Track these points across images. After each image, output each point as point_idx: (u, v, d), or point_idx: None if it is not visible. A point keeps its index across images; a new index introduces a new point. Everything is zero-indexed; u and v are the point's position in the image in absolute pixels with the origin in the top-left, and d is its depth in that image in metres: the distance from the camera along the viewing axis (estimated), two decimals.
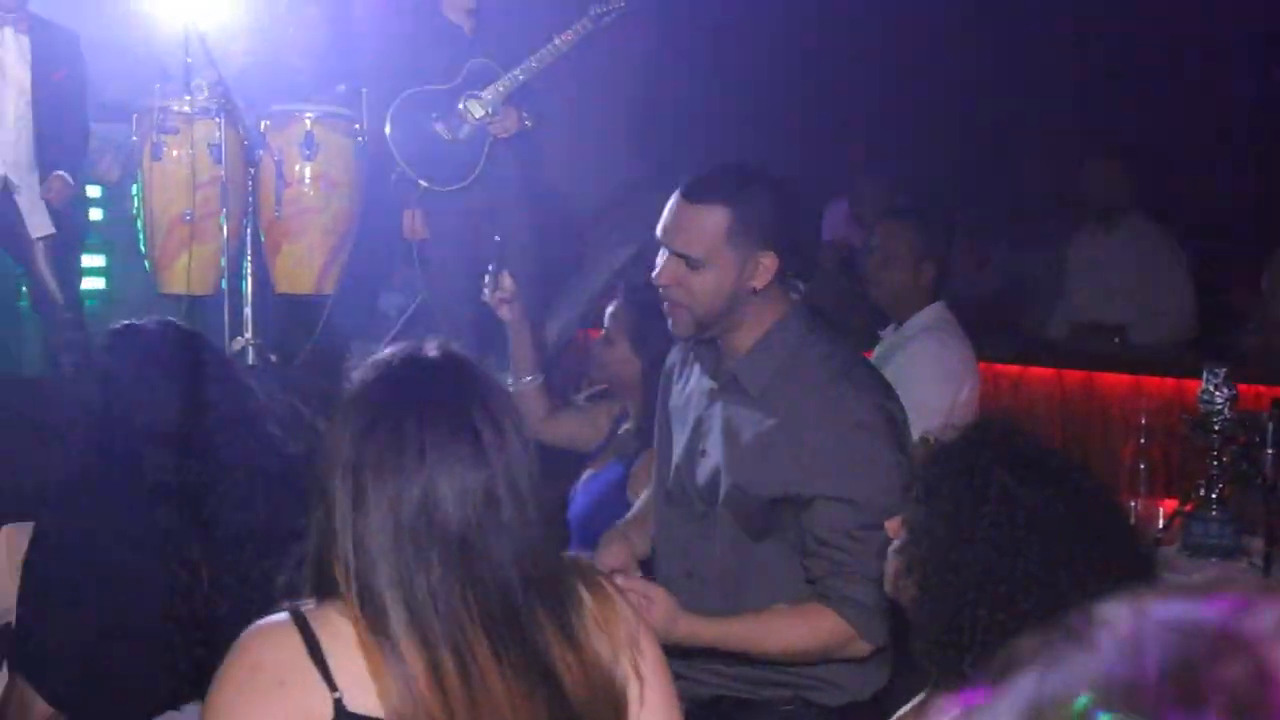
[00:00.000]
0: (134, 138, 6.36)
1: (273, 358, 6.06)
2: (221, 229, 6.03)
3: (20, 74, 5.76)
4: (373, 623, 1.68)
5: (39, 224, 5.83)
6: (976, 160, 8.16)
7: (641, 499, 3.20)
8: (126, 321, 2.97)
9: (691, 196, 2.72)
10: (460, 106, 6.25)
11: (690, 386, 2.92)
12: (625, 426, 3.70)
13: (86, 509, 2.70)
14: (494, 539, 1.71)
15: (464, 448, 1.71)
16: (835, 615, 2.63)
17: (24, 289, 6.28)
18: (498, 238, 4.24)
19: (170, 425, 2.74)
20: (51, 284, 5.87)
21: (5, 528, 4.18)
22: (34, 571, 2.73)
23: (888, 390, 2.82)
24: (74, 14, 6.13)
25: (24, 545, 3.99)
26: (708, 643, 2.65)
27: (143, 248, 6.36)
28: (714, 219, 2.68)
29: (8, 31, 5.71)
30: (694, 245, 2.69)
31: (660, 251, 2.79)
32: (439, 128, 6.26)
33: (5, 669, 3.62)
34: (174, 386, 2.76)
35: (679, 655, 2.81)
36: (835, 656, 2.69)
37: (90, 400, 2.86)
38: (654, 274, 2.79)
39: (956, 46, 8.08)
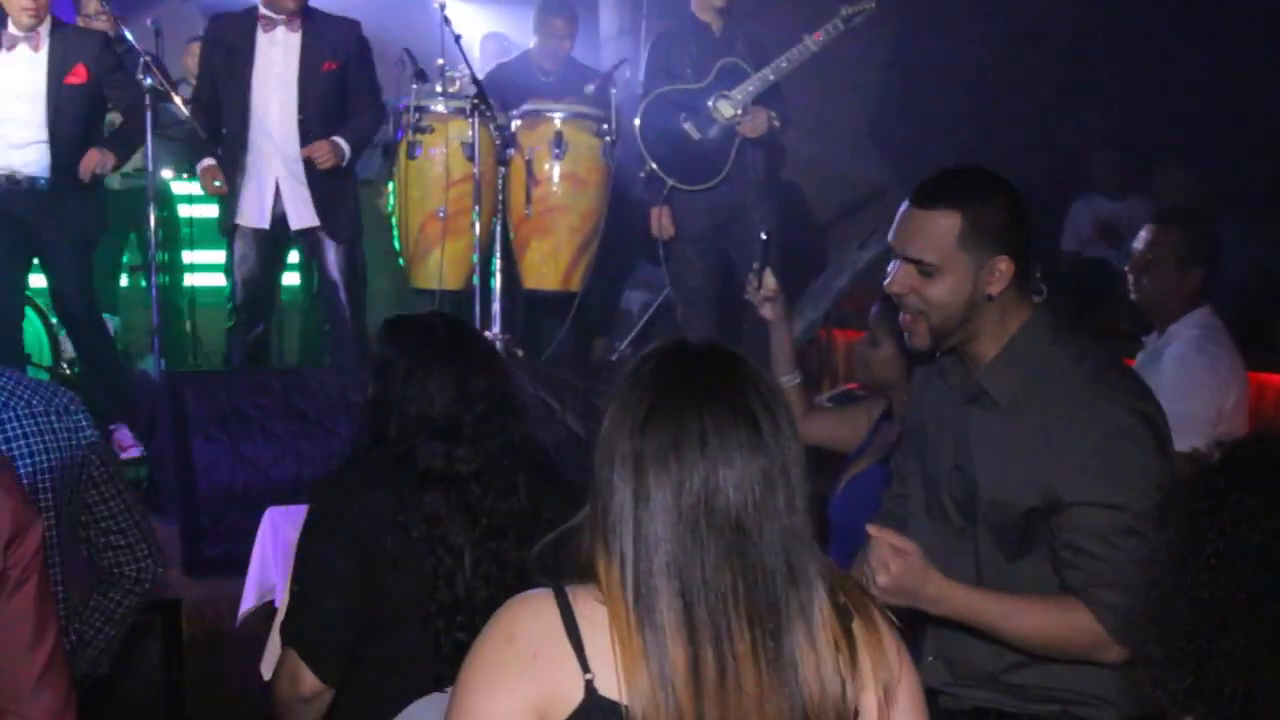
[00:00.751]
0: (391, 137, 6.56)
1: (519, 352, 6.17)
2: (473, 226, 6.16)
3: (289, 70, 5.98)
4: (642, 613, 1.68)
5: (300, 216, 6.04)
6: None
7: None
8: (399, 313, 3.06)
9: (922, 202, 2.66)
10: (710, 106, 6.27)
11: (939, 399, 2.86)
12: (888, 428, 3.64)
13: (357, 494, 2.78)
14: (767, 526, 1.69)
15: (743, 434, 1.70)
16: (1090, 615, 2.54)
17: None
18: (764, 235, 4.21)
19: (441, 414, 2.80)
20: (334, 278, 6.09)
21: (269, 509, 4.36)
22: (306, 552, 2.82)
23: (1143, 391, 2.70)
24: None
25: (285, 525, 4.17)
26: (956, 606, 2.58)
27: (397, 244, 6.55)
28: (945, 224, 2.62)
29: (278, 30, 5.94)
30: (926, 251, 2.63)
31: (893, 261, 2.74)
32: (688, 127, 6.29)
33: (275, 643, 3.80)
34: (445, 376, 2.83)
35: (944, 665, 2.76)
36: (1082, 655, 2.60)
37: (365, 389, 2.94)
38: (886, 282, 2.74)
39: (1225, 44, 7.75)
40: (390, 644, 2.77)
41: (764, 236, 4.23)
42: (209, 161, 5.97)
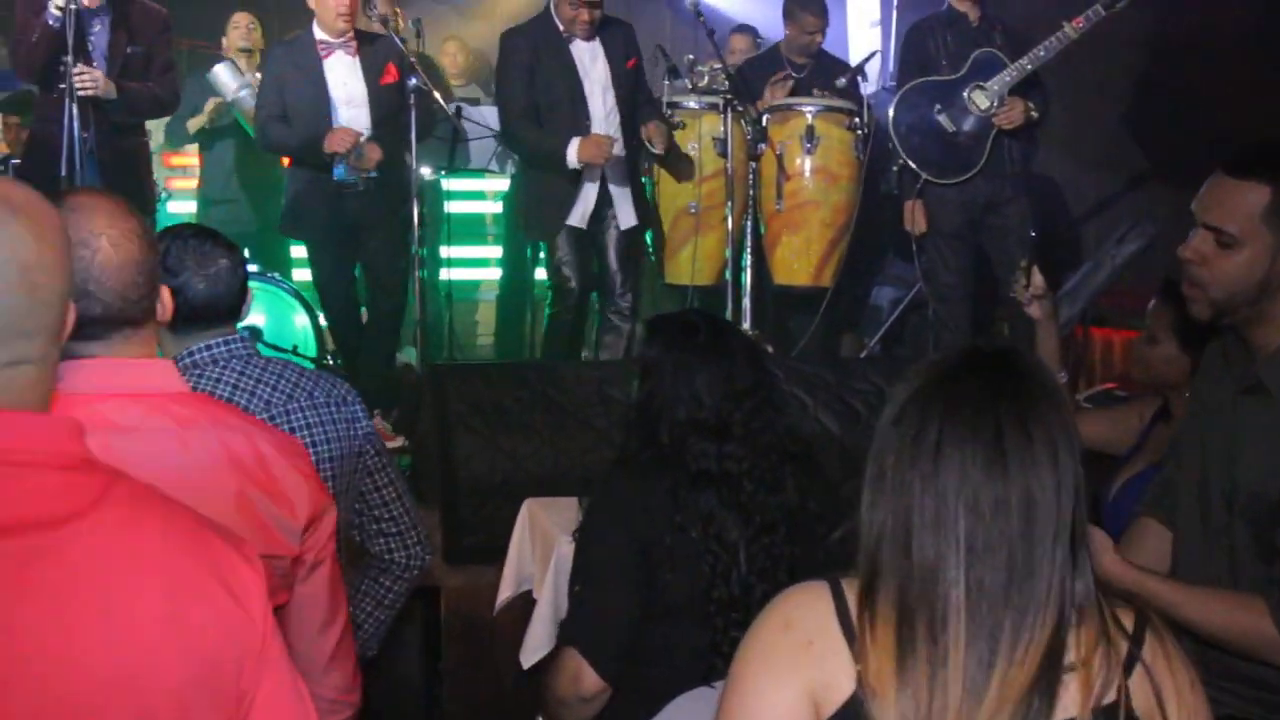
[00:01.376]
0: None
1: (769, 348, 6.15)
2: (725, 221, 6.16)
3: (601, 72, 6.10)
4: (923, 625, 1.64)
5: (626, 216, 6.15)
6: None
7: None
8: (664, 313, 3.08)
9: (1233, 171, 2.55)
10: (965, 98, 6.14)
11: (1215, 388, 2.74)
12: (1162, 429, 3.51)
13: (633, 493, 2.82)
14: (1047, 538, 1.64)
15: (1043, 449, 1.64)
16: (1267, 615, 2.42)
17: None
18: (1034, 234, 4.11)
19: (710, 413, 2.82)
20: (618, 275, 6.18)
21: (527, 501, 4.44)
22: (587, 553, 2.87)
23: None
24: None
25: (542, 517, 4.24)
26: (1126, 587, 2.48)
27: (648, 239, 6.60)
28: (1254, 196, 2.50)
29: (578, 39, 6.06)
30: (1228, 220, 2.52)
31: (1193, 229, 2.62)
32: (942, 119, 6.17)
33: (535, 634, 3.87)
34: (711, 376, 2.84)
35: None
36: (1256, 655, 2.48)
37: (634, 389, 2.98)
38: (1180, 248, 2.63)
39: None
40: (663, 640, 2.80)
41: (1033, 234, 4.11)
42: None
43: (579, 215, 6.03)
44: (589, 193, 6.03)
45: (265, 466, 2.09)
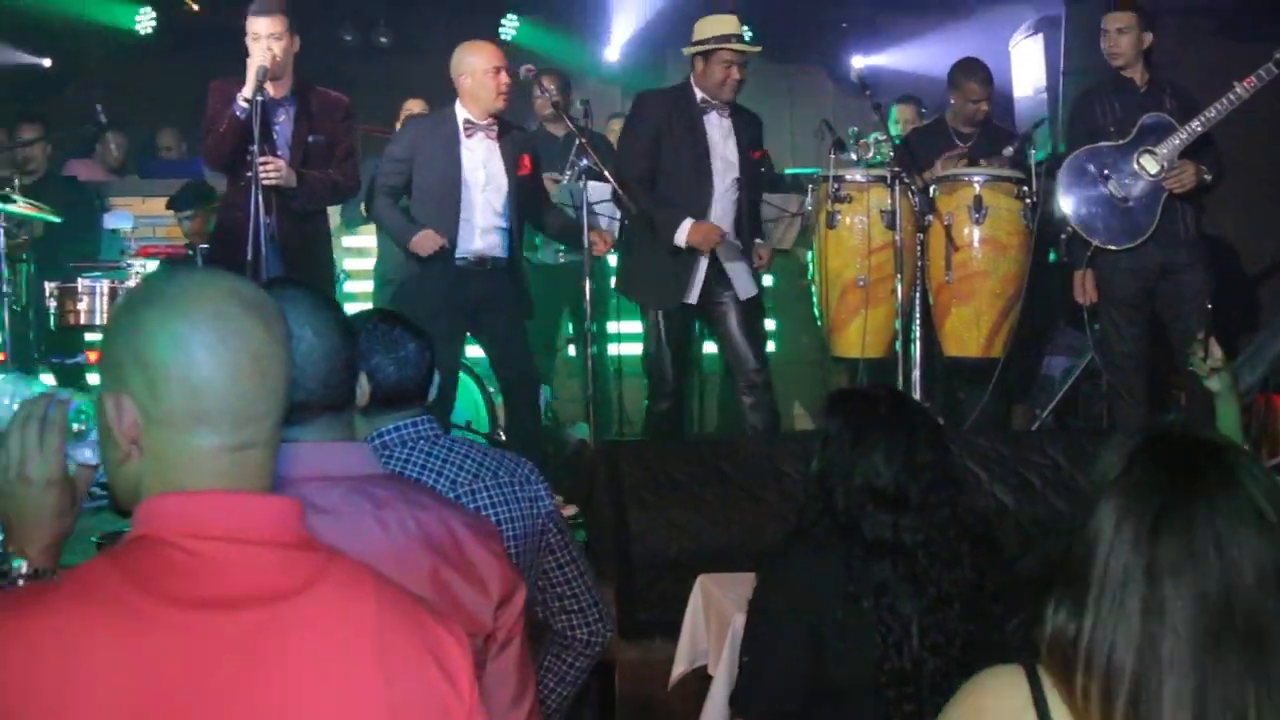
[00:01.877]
0: (808, 207, 6.64)
1: (940, 421, 6.08)
2: (894, 293, 6.15)
3: (730, 151, 6.18)
4: None
5: (745, 287, 6.20)
6: None
7: None
8: (844, 387, 3.09)
9: None
10: (1135, 163, 6.06)
11: None
12: None
13: (807, 563, 2.83)
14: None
15: (1253, 530, 1.60)
16: None
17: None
18: (1209, 304, 4.04)
19: (888, 485, 2.83)
20: (743, 346, 6.20)
21: (701, 576, 4.45)
22: (757, 622, 2.88)
23: None
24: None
25: (716, 594, 4.24)
26: None
27: (817, 312, 6.60)
28: None
29: (713, 114, 6.14)
30: None
31: None
32: (1112, 186, 6.10)
33: (711, 709, 3.87)
34: (891, 448, 2.85)
35: None
36: None
37: (811, 460, 2.99)
38: None
39: None
40: (834, 713, 2.79)
41: (1209, 305, 4.04)
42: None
43: (693, 291, 6.09)
44: (701, 266, 6.08)
45: (459, 546, 2.15)
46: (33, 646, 1.37)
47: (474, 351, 6.65)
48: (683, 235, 5.95)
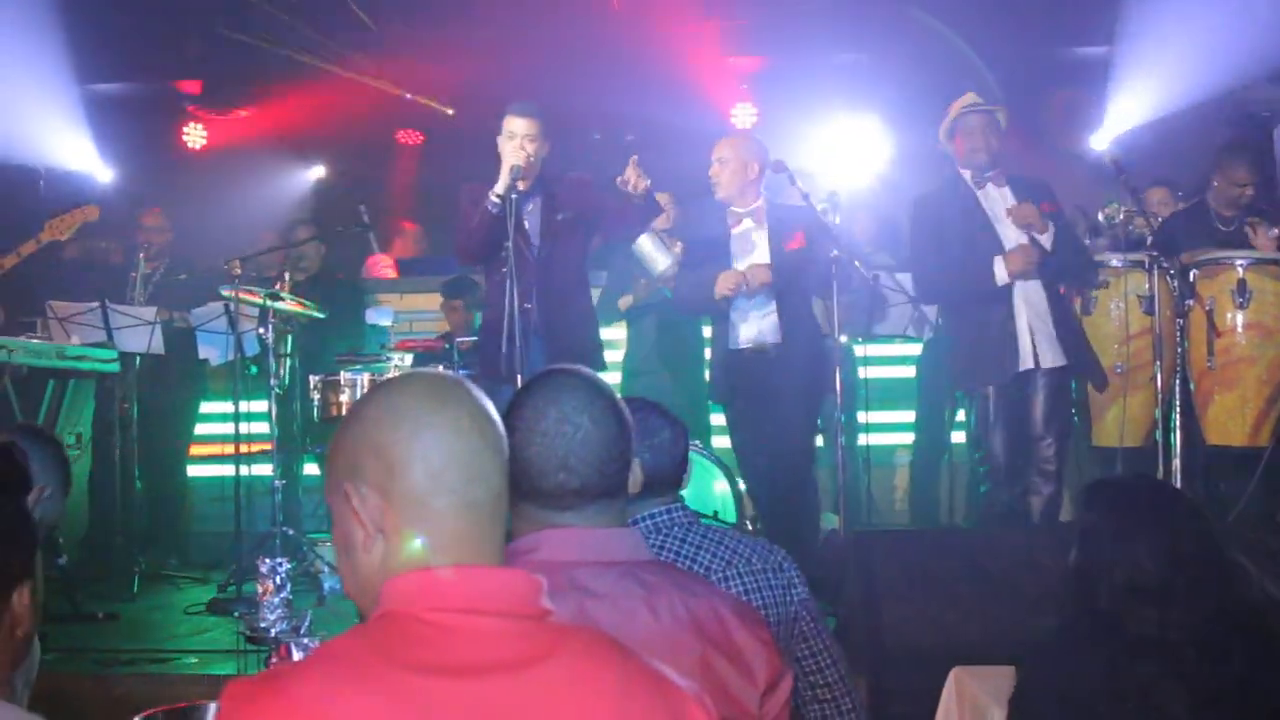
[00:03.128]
0: None
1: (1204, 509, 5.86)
2: (1153, 380, 5.97)
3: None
4: None
5: (1053, 356, 6.08)
6: None
7: None
8: (1101, 478, 3.02)
9: None
10: None
11: None
12: None
13: (1067, 662, 2.74)
14: None
15: None
16: None
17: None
18: None
19: (1151, 578, 2.72)
20: (1041, 421, 6.05)
21: (955, 669, 4.36)
22: (1017, 718, 2.81)
23: None
24: None
25: (971, 687, 4.15)
26: None
27: (1073, 400, 6.45)
28: None
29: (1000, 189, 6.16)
30: None
31: None
32: None
33: None
34: (1154, 539, 2.76)
35: None
36: None
37: (1070, 554, 2.92)
38: None
39: None
40: None
41: None
42: None
43: (1021, 359, 5.99)
44: (1023, 335, 6.00)
45: (727, 631, 2.17)
46: (288, 713, 1.45)
47: (720, 441, 6.69)
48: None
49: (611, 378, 8.00)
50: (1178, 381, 6.02)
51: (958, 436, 7.08)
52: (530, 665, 1.51)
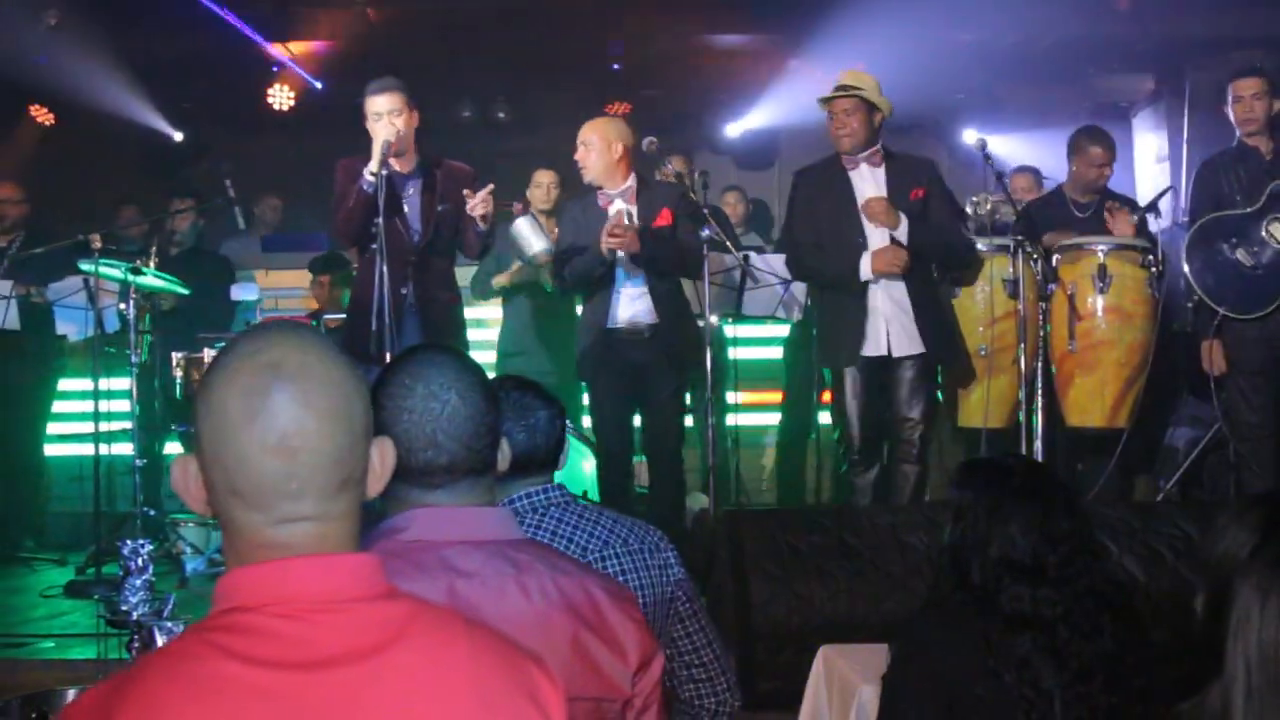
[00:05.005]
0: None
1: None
2: (1017, 363, 6.09)
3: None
4: None
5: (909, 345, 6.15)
6: None
7: None
8: (976, 457, 3.06)
9: None
10: (1264, 231, 5.98)
11: None
12: None
13: (941, 638, 2.78)
14: None
15: None
16: None
17: None
18: None
19: (1025, 555, 2.77)
20: (905, 406, 6.14)
21: (823, 647, 4.41)
22: (891, 698, 2.84)
23: None
24: None
25: (840, 665, 4.20)
26: None
27: (939, 382, 6.54)
28: None
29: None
30: None
31: None
32: (1239, 254, 6.03)
33: None
34: (1027, 518, 2.81)
35: None
36: None
37: (944, 532, 2.96)
38: None
39: None
40: None
41: None
42: None
43: (873, 344, 6.06)
44: (877, 322, 6.06)
45: (599, 611, 2.16)
46: None
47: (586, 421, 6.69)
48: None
49: (485, 357, 7.96)
50: (1040, 364, 6.14)
51: (825, 418, 7.15)
52: (380, 651, 1.47)
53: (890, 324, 6.05)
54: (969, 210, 6.59)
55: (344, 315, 6.69)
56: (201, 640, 1.46)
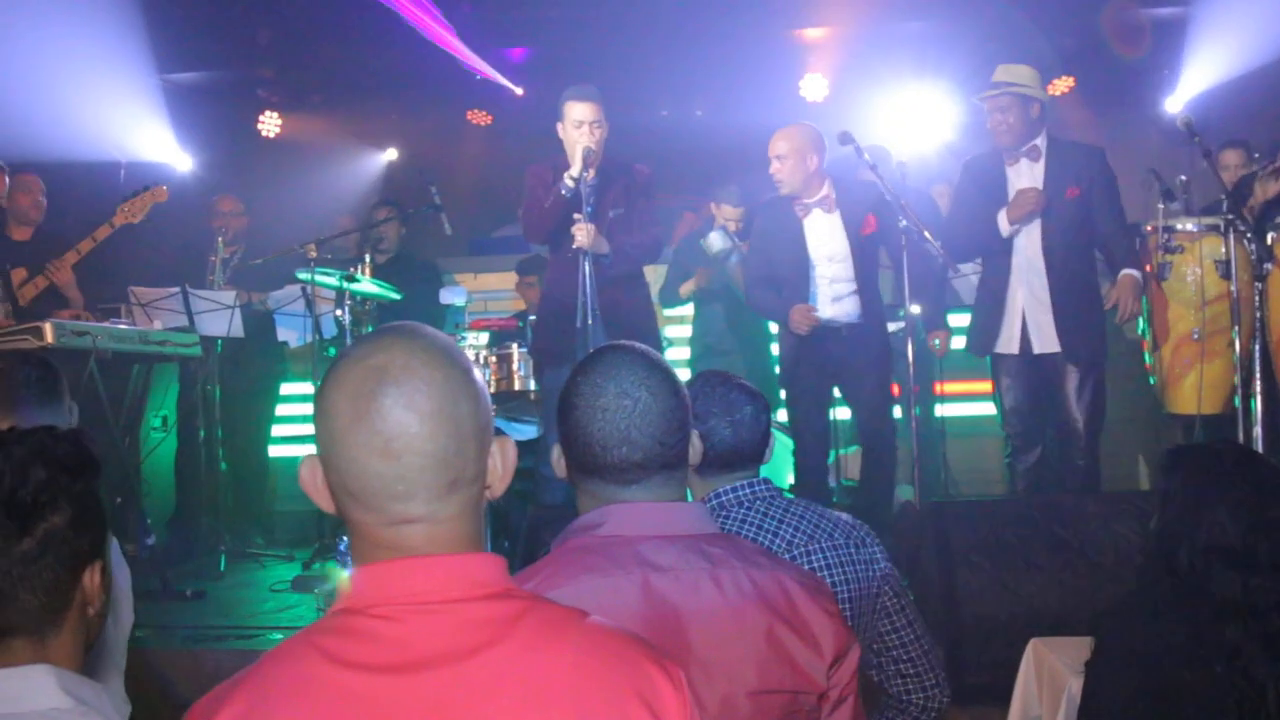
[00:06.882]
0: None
1: None
2: (1231, 346, 5.89)
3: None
4: None
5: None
6: None
7: None
8: (1182, 443, 2.99)
9: None
10: None
11: None
12: None
13: (1149, 627, 2.73)
14: None
15: None
16: None
17: None
18: None
19: (1234, 541, 2.71)
20: (1076, 414, 6.05)
21: (1033, 640, 4.34)
22: (1095, 687, 2.79)
23: None
24: None
25: (1050, 658, 4.13)
26: None
27: (1149, 367, 6.38)
28: None
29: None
30: None
31: None
32: None
33: None
34: (1236, 503, 2.73)
35: None
36: None
37: (1152, 519, 2.90)
38: None
39: None
40: None
41: None
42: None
43: (1006, 341, 6.04)
44: (1014, 318, 6.03)
45: (792, 604, 2.18)
46: None
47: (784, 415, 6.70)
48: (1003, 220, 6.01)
49: (680, 355, 8.05)
50: (1257, 346, 5.93)
51: None
52: (478, 653, 1.49)
53: (1028, 321, 6.00)
54: (1178, 194, 6.39)
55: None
56: (306, 641, 1.52)
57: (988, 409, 7.75)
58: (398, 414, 1.52)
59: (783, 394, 6.43)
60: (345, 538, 3.70)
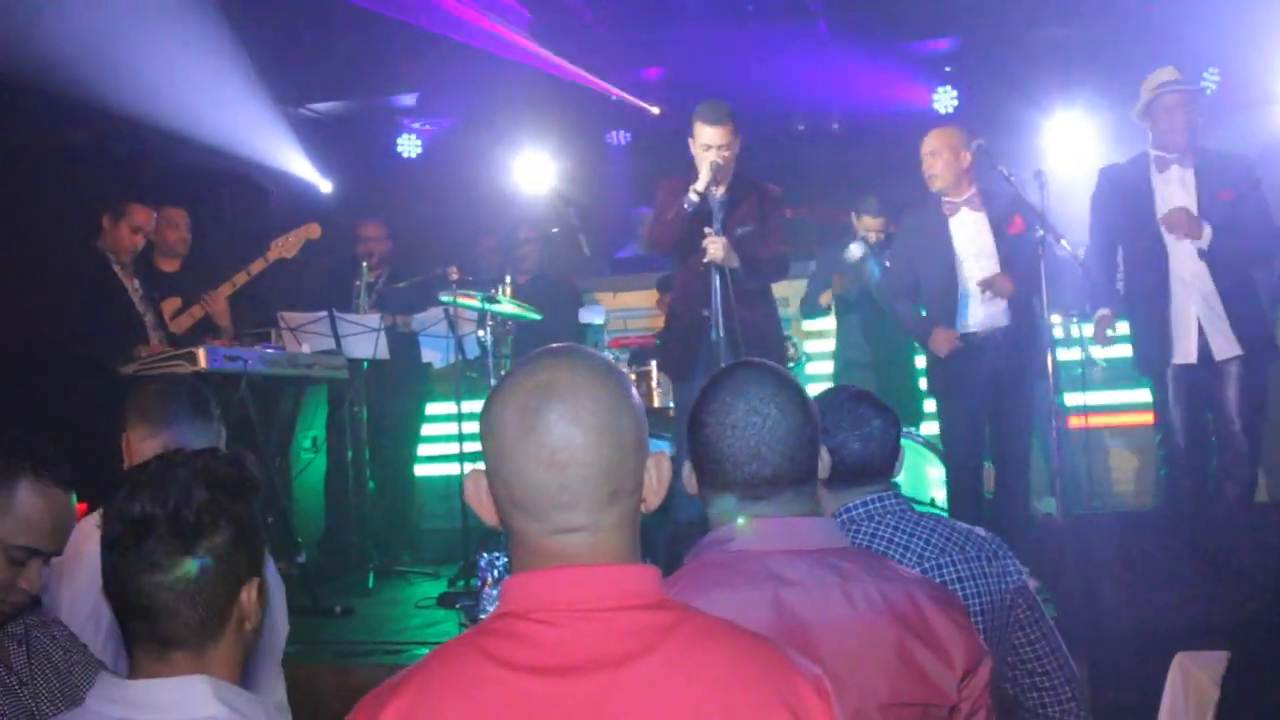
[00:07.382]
0: None
1: None
2: None
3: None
4: None
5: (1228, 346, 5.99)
6: None
7: None
8: None
9: None
10: None
11: None
12: None
13: None
14: None
15: None
16: None
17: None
18: None
19: None
20: (1236, 419, 5.93)
21: (1179, 655, 4.26)
22: (1230, 700, 2.76)
23: None
24: None
25: (1197, 674, 4.06)
26: None
27: None
28: None
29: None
30: None
31: None
32: None
33: None
34: None
35: None
36: None
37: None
38: None
39: None
40: None
41: None
42: (1104, 311, 6.15)
43: (1182, 351, 5.90)
44: (1188, 327, 5.91)
45: (923, 617, 2.19)
46: None
47: (931, 429, 6.66)
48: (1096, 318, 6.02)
49: (822, 368, 8.03)
50: None
51: None
52: (635, 660, 1.55)
53: (1206, 328, 5.87)
54: None
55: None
56: (471, 643, 1.61)
57: (1135, 419, 7.64)
58: (563, 427, 1.62)
59: (932, 405, 6.39)
60: (485, 554, 3.80)
